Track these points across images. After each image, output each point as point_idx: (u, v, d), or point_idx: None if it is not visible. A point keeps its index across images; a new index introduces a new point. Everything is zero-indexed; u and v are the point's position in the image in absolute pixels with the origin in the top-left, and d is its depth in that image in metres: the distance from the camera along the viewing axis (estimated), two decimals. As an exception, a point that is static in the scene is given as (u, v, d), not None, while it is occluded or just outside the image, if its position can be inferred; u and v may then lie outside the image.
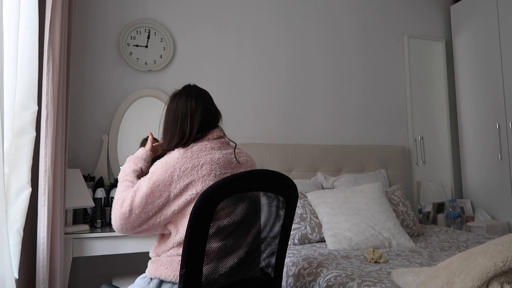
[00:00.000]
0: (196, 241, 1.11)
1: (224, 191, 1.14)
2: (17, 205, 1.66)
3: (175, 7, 2.81)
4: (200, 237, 1.12)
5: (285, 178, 1.28)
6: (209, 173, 1.26)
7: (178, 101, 1.41)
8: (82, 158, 2.49)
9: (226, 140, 1.41)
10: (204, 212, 1.11)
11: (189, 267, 1.10)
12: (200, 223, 1.11)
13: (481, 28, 3.28)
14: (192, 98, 1.40)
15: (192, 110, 1.38)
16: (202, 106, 1.39)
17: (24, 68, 1.74)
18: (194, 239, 1.11)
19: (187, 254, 1.10)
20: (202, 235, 1.12)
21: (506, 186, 3.05)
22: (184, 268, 1.10)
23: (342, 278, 1.58)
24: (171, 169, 1.25)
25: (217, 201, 1.12)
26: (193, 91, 1.43)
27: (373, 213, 2.28)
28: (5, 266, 1.44)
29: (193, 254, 1.11)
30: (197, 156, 1.28)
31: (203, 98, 1.42)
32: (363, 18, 3.35)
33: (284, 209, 1.31)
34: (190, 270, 1.11)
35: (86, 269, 2.46)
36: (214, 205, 1.12)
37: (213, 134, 1.37)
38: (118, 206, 1.28)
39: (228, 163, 1.33)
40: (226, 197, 1.14)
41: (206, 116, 1.39)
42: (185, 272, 1.10)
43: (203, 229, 1.12)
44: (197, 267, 1.12)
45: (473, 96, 3.35)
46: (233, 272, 1.22)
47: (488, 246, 1.28)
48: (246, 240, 1.25)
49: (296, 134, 3.03)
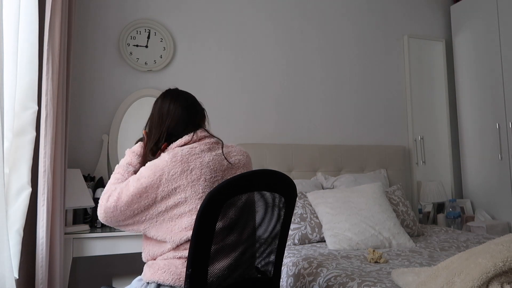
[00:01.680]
0: (202, 241, 1.12)
1: (230, 191, 1.14)
2: (17, 205, 1.66)
3: (175, 7, 2.81)
4: (206, 237, 1.12)
5: (286, 178, 1.29)
6: (198, 177, 1.26)
7: (154, 106, 1.45)
8: (82, 158, 2.48)
9: (216, 140, 1.39)
10: (210, 212, 1.11)
11: (195, 267, 1.11)
12: (207, 223, 1.11)
13: (481, 28, 3.28)
14: (165, 101, 1.42)
15: (164, 113, 1.40)
16: (176, 108, 1.40)
17: (24, 68, 1.74)
18: (200, 239, 1.11)
19: (193, 254, 1.10)
20: (208, 235, 1.12)
21: (506, 186, 3.05)
22: (190, 268, 1.10)
23: (342, 278, 1.58)
24: (159, 172, 1.25)
25: (223, 201, 1.12)
26: (168, 94, 1.45)
27: (373, 213, 2.28)
28: (5, 266, 1.44)
29: (199, 254, 1.11)
30: (187, 160, 1.27)
31: (178, 100, 1.42)
32: (363, 18, 3.35)
33: (284, 208, 1.31)
34: (196, 270, 1.11)
35: (86, 269, 2.46)
36: (220, 204, 1.12)
37: (197, 135, 1.36)
38: (104, 200, 1.31)
39: (219, 166, 1.32)
40: (231, 196, 1.14)
41: (181, 117, 1.40)
42: (191, 272, 1.10)
43: (209, 229, 1.12)
44: (203, 267, 1.12)
45: (473, 96, 3.35)
46: (236, 272, 1.22)
47: (488, 246, 1.28)
48: (249, 239, 1.26)
49: (296, 134, 3.02)
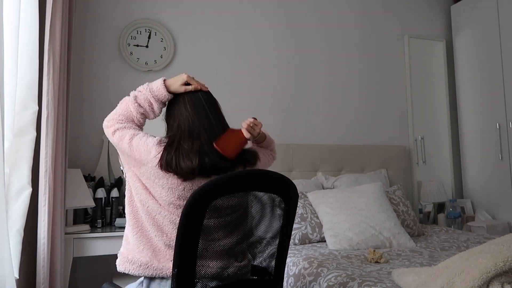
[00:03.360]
0: (188, 241, 1.09)
1: (216, 191, 1.11)
2: (17, 205, 1.66)
3: (175, 7, 2.81)
4: (192, 236, 1.09)
5: (283, 178, 1.25)
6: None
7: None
8: (82, 158, 2.48)
9: None
10: (195, 211, 1.09)
11: (181, 267, 1.09)
12: (191, 222, 1.09)
13: (482, 28, 3.28)
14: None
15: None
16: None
17: (25, 68, 1.74)
18: (186, 238, 1.09)
19: (179, 253, 1.08)
20: (194, 234, 1.09)
21: (506, 186, 3.04)
22: (176, 268, 1.09)
23: (343, 278, 1.58)
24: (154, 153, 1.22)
25: (209, 201, 1.10)
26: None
27: (373, 213, 2.28)
28: (5, 266, 1.45)
29: (185, 254, 1.09)
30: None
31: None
32: (363, 18, 3.35)
33: (282, 209, 1.29)
34: (182, 270, 1.09)
35: (87, 269, 2.46)
36: (205, 204, 1.09)
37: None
38: (109, 132, 1.30)
39: None
40: (218, 196, 1.12)
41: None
42: (177, 272, 1.09)
43: (195, 228, 1.09)
44: (189, 266, 1.10)
45: (474, 96, 3.35)
46: (227, 272, 1.20)
47: (488, 246, 1.28)
48: (241, 240, 1.24)
49: (296, 134, 3.02)
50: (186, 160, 1.19)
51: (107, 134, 1.31)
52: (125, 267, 1.25)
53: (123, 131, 1.28)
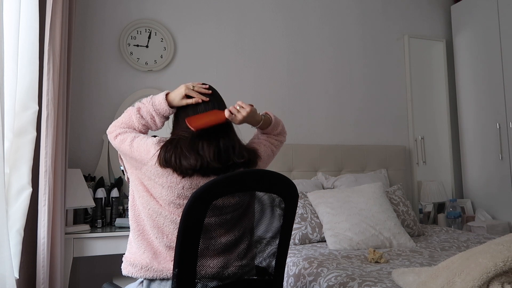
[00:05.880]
0: (188, 240, 1.10)
1: (217, 191, 1.12)
2: (17, 205, 1.66)
3: (175, 7, 2.81)
4: (193, 236, 1.10)
5: (283, 178, 1.25)
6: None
7: None
8: (82, 158, 2.48)
9: None
10: (195, 211, 1.09)
11: (181, 267, 1.09)
12: (192, 222, 1.09)
13: (482, 28, 3.28)
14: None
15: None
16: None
17: (25, 68, 1.74)
18: (186, 238, 1.09)
19: (180, 253, 1.09)
20: (194, 234, 1.10)
21: (506, 186, 3.04)
22: (176, 268, 1.09)
23: (343, 278, 1.58)
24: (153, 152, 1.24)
25: (210, 201, 1.11)
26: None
27: (373, 213, 2.28)
28: (5, 266, 1.44)
29: (186, 253, 1.10)
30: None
31: None
32: (363, 18, 3.35)
33: (282, 209, 1.29)
34: (183, 270, 1.09)
35: (87, 269, 2.46)
36: (206, 204, 1.10)
37: None
38: (112, 136, 1.34)
39: None
40: (218, 196, 1.13)
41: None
42: (178, 272, 1.09)
43: (196, 228, 1.10)
44: (190, 266, 1.10)
45: (474, 96, 3.35)
46: (228, 272, 1.21)
47: (488, 246, 1.28)
48: (241, 240, 1.24)
49: (296, 134, 3.02)
50: (186, 156, 1.21)
51: (110, 139, 1.36)
52: (128, 270, 1.29)
53: (125, 135, 1.33)
